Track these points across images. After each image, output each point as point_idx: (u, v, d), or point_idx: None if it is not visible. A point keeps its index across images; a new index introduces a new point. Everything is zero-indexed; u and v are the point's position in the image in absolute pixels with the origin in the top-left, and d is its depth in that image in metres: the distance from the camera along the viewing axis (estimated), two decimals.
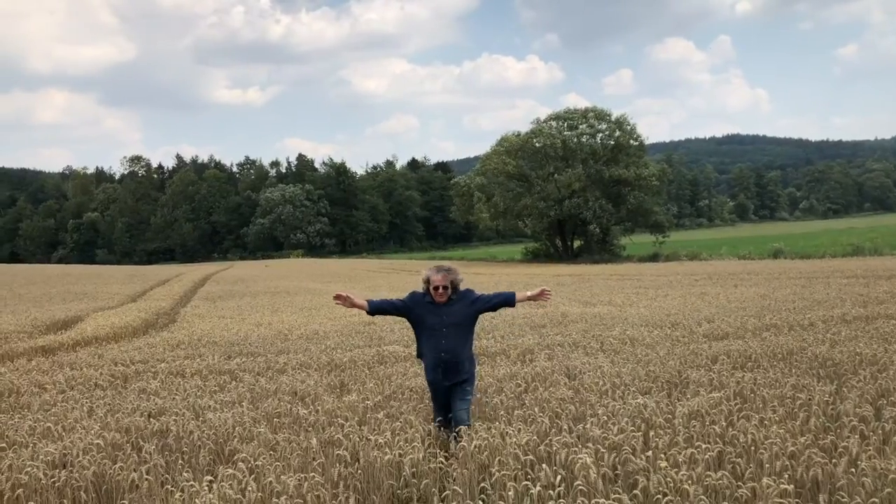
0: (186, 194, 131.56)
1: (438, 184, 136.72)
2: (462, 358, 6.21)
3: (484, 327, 14.62)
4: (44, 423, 7.09)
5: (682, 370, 8.75)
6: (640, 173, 67.65)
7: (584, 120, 71.38)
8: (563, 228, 72.32)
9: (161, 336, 16.28)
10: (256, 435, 6.32)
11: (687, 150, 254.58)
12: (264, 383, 9.18)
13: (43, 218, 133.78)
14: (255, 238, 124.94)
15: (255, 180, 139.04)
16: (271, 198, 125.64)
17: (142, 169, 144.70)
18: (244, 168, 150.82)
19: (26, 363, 12.12)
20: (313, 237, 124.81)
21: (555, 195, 68.29)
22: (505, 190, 70.98)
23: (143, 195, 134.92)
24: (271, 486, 4.87)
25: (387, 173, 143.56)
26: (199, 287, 38.89)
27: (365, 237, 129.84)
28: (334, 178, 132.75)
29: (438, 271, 6.26)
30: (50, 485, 5.16)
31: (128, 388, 9.31)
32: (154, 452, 5.82)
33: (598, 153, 70.37)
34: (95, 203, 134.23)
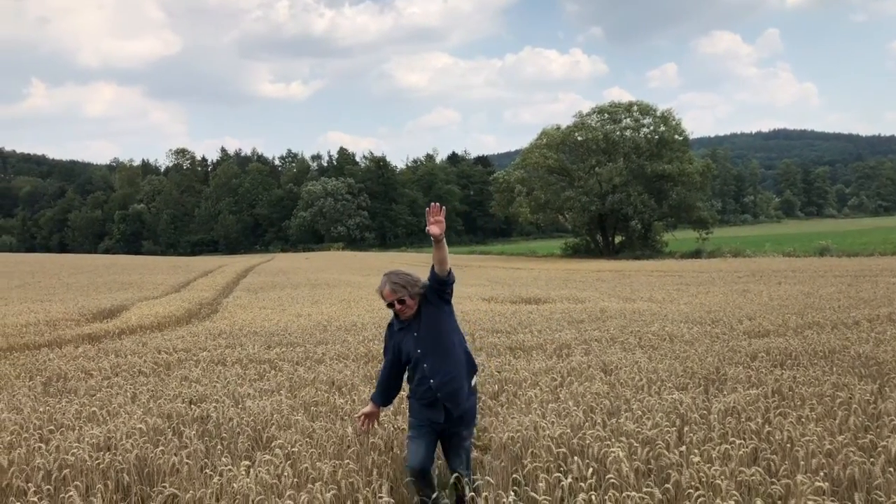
0: (230, 187, 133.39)
1: (478, 178, 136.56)
2: (453, 373, 4.90)
3: (521, 321, 14.63)
4: (89, 407, 7.30)
5: (720, 367, 8.67)
6: (684, 168, 66.78)
7: (627, 114, 70.71)
8: (604, 224, 71.77)
9: (203, 325, 16.59)
10: (294, 423, 6.43)
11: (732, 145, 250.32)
12: (303, 373, 9.31)
13: (91, 209, 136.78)
14: (297, 231, 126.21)
15: (297, 173, 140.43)
16: (313, 191, 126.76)
17: (186, 161, 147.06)
18: (286, 161, 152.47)
19: (73, 350, 12.47)
20: (353, 230, 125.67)
21: (596, 189, 67.80)
22: (546, 184, 70.65)
23: (188, 187, 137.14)
24: (307, 471, 4.97)
25: (427, 167, 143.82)
26: (241, 278, 39.47)
27: (404, 231, 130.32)
28: (375, 171, 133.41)
29: (386, 283, 4.84)
30: (95, 466, 5.32)
31: (170, 376, 9.52)
32: (194, 438, 5.97)
33: (641, 148, 69.63)
34: (141, 195, 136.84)
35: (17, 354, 12.15)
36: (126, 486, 5.19)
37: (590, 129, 70.16)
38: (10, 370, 10.21)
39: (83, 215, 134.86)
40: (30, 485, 4.97)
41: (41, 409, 7.31)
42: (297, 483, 4.81)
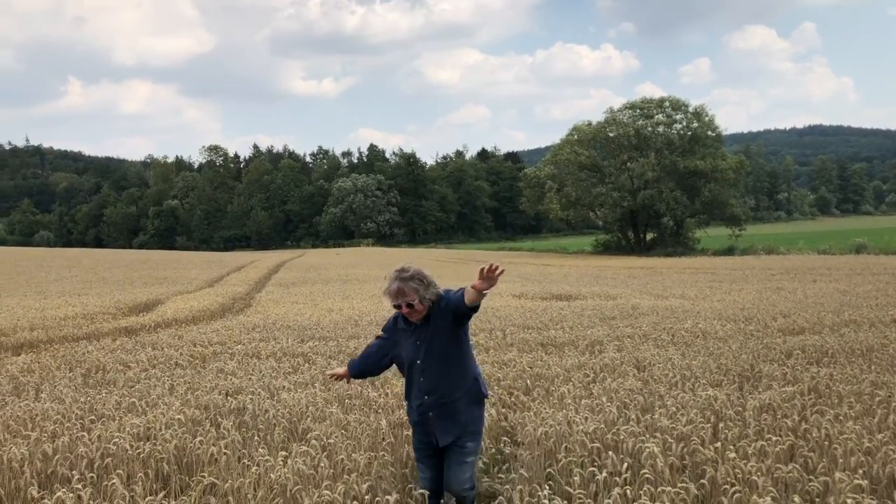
0: (262, 183, 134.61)
1: (508, 174, 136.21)
2: (454, 396, 4.35)
3: (552, 318, 14.60)
4: (128, 398, 7.45)
5: (754, 364, 8.59)
6: (717, 165, 66.01)
7: (659, 109, 70.07)
8: (635, 220, 71.23)
9: (237, 319, 16.79)
10: (328, 415, 6.51)
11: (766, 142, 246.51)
12: (336, 366, 9.39)
13: (126, 205, 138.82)
14: (328, 227, 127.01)
15: (328, 170, 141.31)
16: (343, 187, 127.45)
17: (219, 158, 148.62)
18: (317, 158, 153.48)
19: (111, 342, 12.69)
20: (383, 226, 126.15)
21: (628, 185, 67.32)
22: (576, 180, 70.30)
23: (221, 184, 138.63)
24: (342, 462, 5.03)
25: (456, 163, 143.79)
26: (273, 273, 39.84)
27: (434, 227, 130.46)
28: (404, 168, 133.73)
29: (394, 282, 4.28)
30: (135, 455, 5.44)
31: (206, 368, 9.67)
32: (231, 429, 6.07)
33: (673, 143, 68.97)
34: (175, 191, 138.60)
35: (57, 347, 12.40)
36: (165, 475, 5.29)
37: (621, 125, 69.66)
38: (51, 362, 10.43)
39: (118, 211, 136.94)
40: (73, 472, 5.09)
41: (82, 400, 7.47)
42: (333, 474, 4.87)
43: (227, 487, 4.68)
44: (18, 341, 12.98)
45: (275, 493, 4.58)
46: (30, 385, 8.64)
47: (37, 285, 30.09)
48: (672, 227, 69.39)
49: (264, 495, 4.57)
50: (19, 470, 5.12)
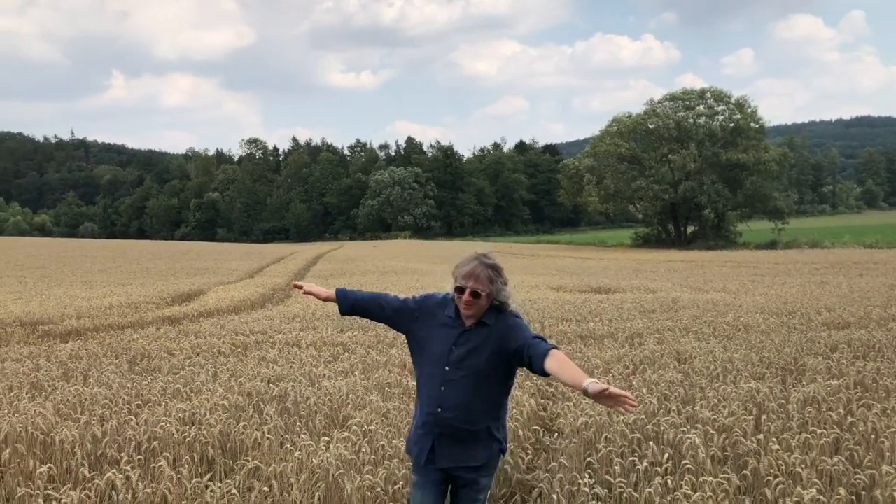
0: (300, 176, 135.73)
1: (546, 167, 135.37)
2: (476, 426, 3.55)
3: (591, 311, 14.53)
4: (174, 384, 7.60)
5: (798, 357, 8.47)
6: (760, 157, 64.91)
7: (701, 101, 69.11)
8: (676, 213, 70.41)
9: (277, 309, 17.01)
10: (368, 402, 6.58)
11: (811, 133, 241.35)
12: (375, 355, 9.48)
13: (168, 197, 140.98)
14: (365, 219, 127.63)
15: (366, 163, 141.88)
16: (380, 180, 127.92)
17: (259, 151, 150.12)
18: (355, 151, 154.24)
19: (155, 331, 12.94)
20: (420, 219, 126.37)
21: (668, 178, 66.54)
22: (616, 172, 69.68)
23: (260, 176, 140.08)
24: (383, 448, 5.08)
25: (494, 156, 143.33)
26: (311, 265, 40.22)
27: (471, 220, 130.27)
28: (442, 160, 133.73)
29: (471, 262, 3.54)
30: (181, 439, 5.56)
31: (248, 356, 9.81)
32: (274, 415, 6.17)
33: (715, 135, 67.96)
34: (216, 183, 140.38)
35: (103, 335, 12.68)
36: (210, 458, 5.39)
37: (661, 117, 68.82)
38: (98, 349, 10.68)
39: (160, 203, 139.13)
40: (122, 454, 5.22)
41: (128, 386, 7.65)
42: (374, 459, 4.93)
43: (270, 471, 4.76)
44: (66, 329, 13.31)
45: (317, 478, 4.64)
46: (78, 371, 8.86)
47: (83, 275, 30.78)
48: (713, 220, 68.45)
49: (307, 479, 4.64)
50: (70, 451, 5.27)
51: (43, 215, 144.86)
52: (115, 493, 4.44)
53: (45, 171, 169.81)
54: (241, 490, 4.63)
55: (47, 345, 11.56)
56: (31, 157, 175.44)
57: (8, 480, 4.88)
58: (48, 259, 43.74)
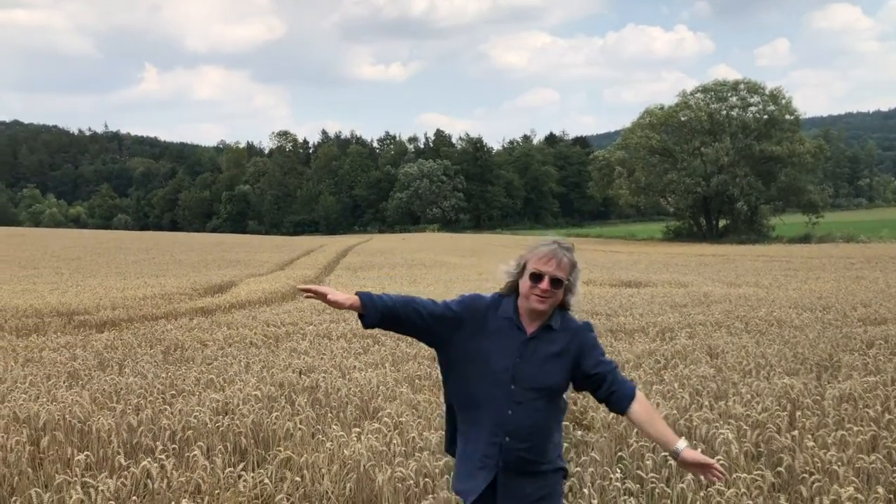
0: (330, 168, 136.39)
1: (576, 159, 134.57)
2: (548, 455, 2.97)
3: (622, 305, 14.44)
4: (207, 374, 7.70)
5: (833, 353, 8.34)
6: (794, 149, 63.84)
7: (734, 92, 68.17)
8: (708, 206, 69.59)
9: (308, 301, 17.11)
10: (399, 394, 6.61)
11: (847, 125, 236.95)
12: (405, 347, 9.50)
13: (199, 189, 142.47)
14: (394, 212, 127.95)
15: (395, 155, 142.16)
16: (409, 173, 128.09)
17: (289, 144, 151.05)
18: (384, 143, 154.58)
19: (188, 322, 13.11)
20: (448, 212, 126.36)
21: (700, 171, 65.80)
22: (647, 165, 69.04)
23: (290, 169, 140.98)
24: (414, 440, 5.10)
25: (523, 148, 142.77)
26: (341, 258, 40.44)
27: (499, 213, 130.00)
28: (471, 153, 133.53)
29: (549, 244, 2.95)
30: (214, 429, 5.63)
31: (279, 348, 9.90)
32: (306, 406, 6.22)
33: (748, 127, 67.01)
34: (246, 176, 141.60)
35: (138, 325, 12.87)
36: (243, 448, 5.46)
37: (694, 109, 67.99)
38: (133, 339, 10.85)
39: (192, 195, 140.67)
40: (157, 443, 5.31)
41: (163, 376, 7.76)
42: (405, 451, 4.95)
43: (302, 461, 4.80)
44: (101, 319, 13.53)
45: (348, 469, 4.68)
46: (113, 360, 9.00)
47: (117, 267, 31.26)
48: (746, 214, 67.54)
49: (338, 470, 4.68)
50: (107, 439, 5.37)
51: (78, 207, 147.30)
52: (151, 481, 4.51)
53: (80, 164, 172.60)
54: (274, 480, 4.68)
55: (83, 335, 11.77)
56: (66, 150, 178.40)
57: (47, 467, 4.98)
58: (83, 250, 44.48)
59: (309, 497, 4.63)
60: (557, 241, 2.98)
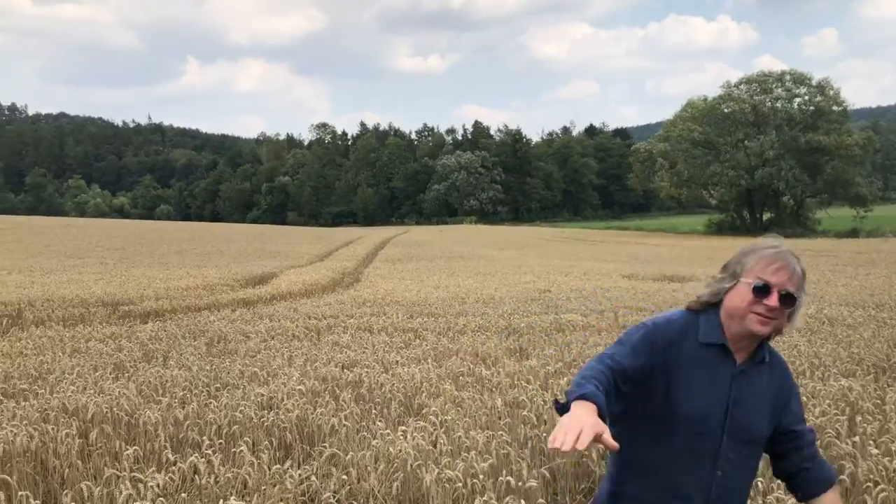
0: (368, 160, 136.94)
1: (616, 151, 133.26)
2: None
3: (665, 300, 14.19)
4: (251, 368, 7.72)
5: (890, 354, 8.05)
6: (842, 141, 62.40)
7: (779, 83, 66.87)
8: (752, 199, 68.43)
9: (348, 294, 17.17)
10: (442, 391, 6.53)
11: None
12: (446, 343, 9.44)
13: (240, 181, 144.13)
14: (431, 204, 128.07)
15: (433, 147, 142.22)
16: (447, 164, 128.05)
17: (328, 136, 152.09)
18: (422, 135, 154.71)
19: (230, 313, 13.21)
20: (486, 204, 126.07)
21: (744, 164, 64.68)
22: (689, 157, 68.09)
23: (329, 161, 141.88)
24: (460, 440, 5.02)
25: (563, 140, 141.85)
26: (379, 249, 40.55)
27: (538, 205, 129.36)
28: (510, 145, 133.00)
29: (777, 250, 2.21)
30: (260, 424, 5.61)
31: (321, 341, 9.91)
32: (350, 401, 6.18)
33: (794, 119, 65.66)
34: (286, 167, 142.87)
35: (181, 316, 13.01)
36: (288, 444, 5.43)
37: (738, 101, 66.82)
38: (177, 330, 10.95)
39: (233, 186, 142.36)
40: (203, 438, 5.30)
41: (207, 368, 7.79)
42: (451, 451, 4.87)
43: (348, 459, 4.75)
44: (145, 310, 13.70)
45: (395, 468, 4.61)
46: (158, 352, 9.08)
47: (160, 257, 31.71)
48: (791, 207, 66.33)
49: (385, 469, 4.62)
50: (154, 433, 5.38)
51: (121, 197, 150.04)
52: (198, 476, 4.50)
53: (124, 155, 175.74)
54: (319, 477, 4.64)
55: (128, 325, 11.92)
56: (110, 142, 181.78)
57: (96, 460, 5.01)
58: (127, 240, 45.24)
59: (354, 495, 4.58)
60: (779, 243, 2.26)
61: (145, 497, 4.07)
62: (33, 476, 4.84)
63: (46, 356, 8.75)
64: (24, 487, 4.48)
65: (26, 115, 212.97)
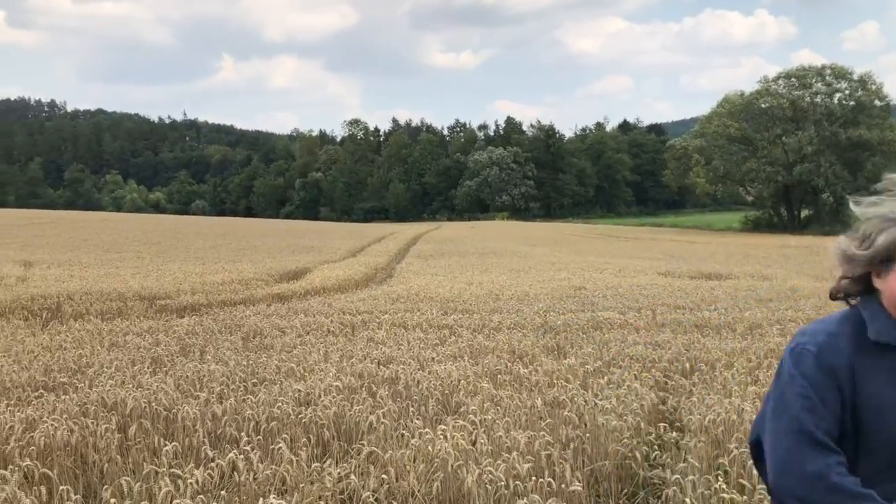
0: (400, 157, 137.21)
1: (651, 147, 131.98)
2: None
3: (704, 298, 13.96)
4: (287, 363, 7.69)
5: None
6: (885, 136, 61.06)
7: (819, 78, 65.57)
8: (789, 196, 67.28)
9: (381, 289, 17.14)
10: (480, 389, 6.44)
11: None
12: (482, 340, 9.34)
13: (273, 177, 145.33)
14: (463, 200, 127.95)
15: (465, 143, 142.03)
16: (479, 160, 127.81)
17: (360, 132, 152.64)
18: (454, 131, 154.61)
19: (265, 308, 13.25)
20: (518, 200, 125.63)
21: (782, 160, 63.57)
22: (726, 153, 67.13)
23: (361, 157, 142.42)
24: (500, 440, 4.92)
25: (596, 136, 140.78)
26: (411, 245, 40.55)
27: (571, 201, 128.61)
28: (542, 140, 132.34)
29: None
30: (297, 420, 5.57)
31: (356, 336, 9.86)
32: (387, 398, 6.11)
33: (834, 114, 64.37)
34: (319, 163, 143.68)
35: (217, 311, 13.07)
36: (326, 441, 5.38)
37: (775, 96, 65.69)
38: (213, 325, 10.99)
39: (267, 182, 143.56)
40: (241, 434, 5.26)
41: (244, 363, 7.78)
42: (491, 451, 4.77)
43: (388, 458, 4.68)
44: (182, 304, 13.80)
45: (435, 467, 4.53)
46: (195, 347, 9.11)
47: (195, 252, 32.03)
48: (831, 204, 65.03)
49: (425, 468, 4.54)
50: (192, 428, 5.36)
51: (157, 193, 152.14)
52: (237, 473, 4.45)
53: (160, 151, 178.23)
54: (358, 475, 4.58)
55: (165, 319, 12.00)
56: (146, 138, 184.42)
57: (134, 455, 4.99)
58: (163, 235, 45.80)
59: (394, 494, 4.51)
60: None
61: (184, 494, 4.03)
62: (73, 470, 4.84)
63: (85, 349, 8.82)
64: (65, 482, 4.48)
65: (65, 112, 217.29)
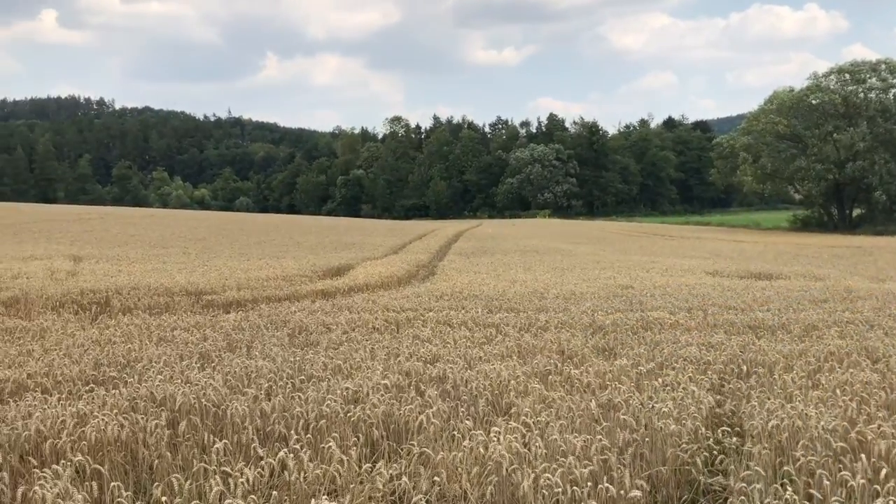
0: (441, 154, 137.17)
1: (696, 144, 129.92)
2: None
3: (756, 298, 13.61)
4: (334, 360, 7.62)
5: None
6: None
7: (873, 73, 63.73)
8: (840, 195, 65.57)
9: (424, 287, 17.05)
10: (531, 390, 6.29)
11: None
12: (529, 339, 9.18)
13: (316, 174, 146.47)
14: (504, 197, 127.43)
15: (506, 140, 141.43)
16: (521, 157, 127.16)
17: (401, 129, 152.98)
18: (496, 128, 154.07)
19: (310, 304, 13.24)
20: (560, 197, 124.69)
21: (833, 157, 61.95)
22: (774, 151, 65.66)
23: (402, 154, 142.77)
24: (555, 443, 4.77)
25: (640, 133, 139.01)
26: (452, 242, 40.44)
27: (614, 199, 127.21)
28: (586, 137, 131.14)
29: None
30: (346, 419, 5.48)
31: (401, 334, 9.77)
32: (436, 398, 5.99)
33: (889, 110, 62.50)
34: (360, 161, 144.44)
35: (262, 306, 13.10)
36: (374, 440, 5.28)
37: (826, 92, 64.03)
38: (259, 321, 10.99)
39: (309, 179, 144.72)
40: (290, 432, 5.19)
41: (291, 360, 7.73)
42: (546, 454, 4.62)
43: (439, 459, 4.56)
44: (228, 300, 13.87)
45: (488, 471, 4.40)
46: (242, 342, 9.11)
47: (240, 248, 32.33)
48: (885, 203, 63.16)
49: (478, 471, 4.41)
50: (241, 426, 5.30)
51: (202, 189, 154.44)
52: (287, 472, 4.38)
53: (205, 148, 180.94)
54: (409, 476, 4.47)
55: (211, 315, 12.04)
56: (192, 135, 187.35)
57: (184, 451, 4.95)
58: (208, 231, 46.38)
59: (445, 497, 4.40)
60: None
61: (235, 494, 3.97)
62: (123, 466, 4.82)
63: (134, 344, 8.87)
64: (115, 478, 4.45)
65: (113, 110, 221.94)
